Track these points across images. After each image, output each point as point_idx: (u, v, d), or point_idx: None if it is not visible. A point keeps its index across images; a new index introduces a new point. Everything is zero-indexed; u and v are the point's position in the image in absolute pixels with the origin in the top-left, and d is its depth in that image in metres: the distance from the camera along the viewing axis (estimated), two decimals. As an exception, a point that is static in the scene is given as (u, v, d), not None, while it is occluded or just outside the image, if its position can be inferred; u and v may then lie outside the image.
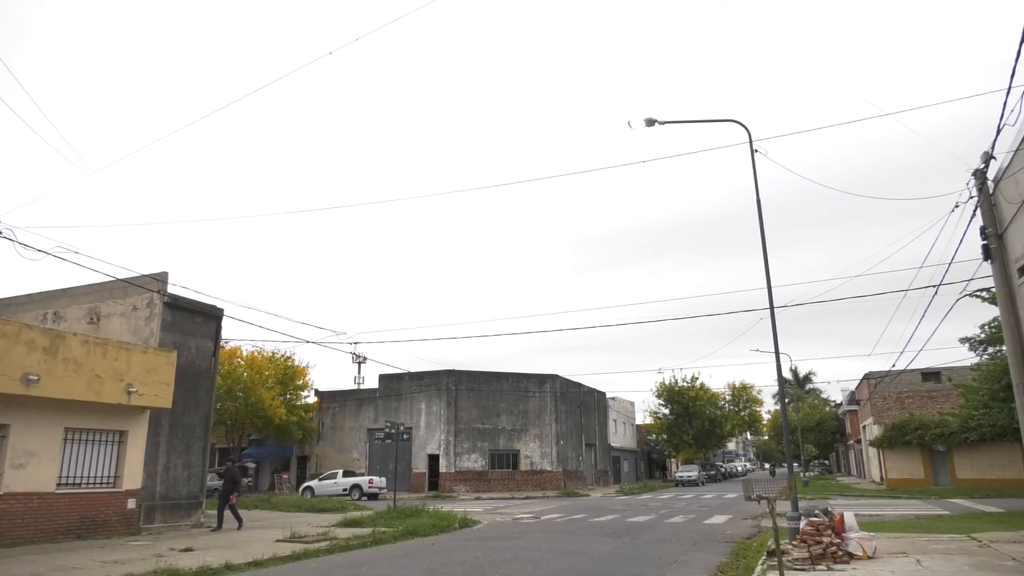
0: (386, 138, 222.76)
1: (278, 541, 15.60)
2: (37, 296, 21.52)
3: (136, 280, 19.34)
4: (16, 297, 22.08)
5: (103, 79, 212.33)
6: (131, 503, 17.50)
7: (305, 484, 40.02)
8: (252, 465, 22.67)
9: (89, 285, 20.49)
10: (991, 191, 14.04)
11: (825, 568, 10.64)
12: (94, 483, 16.80)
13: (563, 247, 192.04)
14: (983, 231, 14.18)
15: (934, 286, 16.82)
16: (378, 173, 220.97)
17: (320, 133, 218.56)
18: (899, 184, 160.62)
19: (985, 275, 15.65)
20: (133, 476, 17.65)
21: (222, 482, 19.44)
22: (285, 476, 45.50)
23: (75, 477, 16.40)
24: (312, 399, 47.35)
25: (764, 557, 11.88)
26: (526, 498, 37.28)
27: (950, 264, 15.64)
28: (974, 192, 14.25)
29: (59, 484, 15.93)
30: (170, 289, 19.97)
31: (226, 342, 33.88)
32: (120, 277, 19.03)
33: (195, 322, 20.87)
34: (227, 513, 19.33)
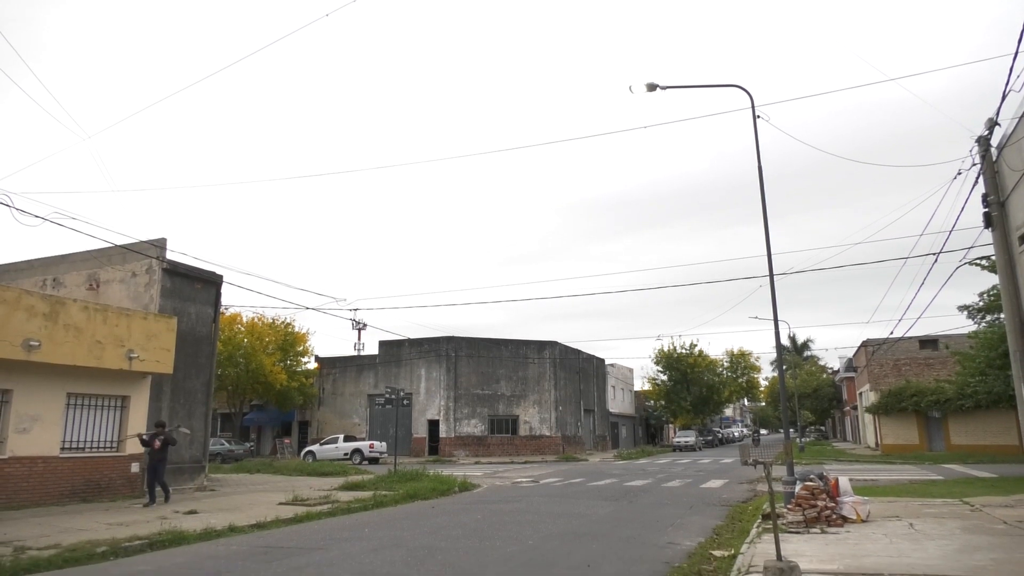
0: (386, 103, 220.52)
1: (281, 504, 15.82)
2: (36, 262, 21.50)
3: (135, 246, 19.31)
4: (15, 263, 22.05)
5: (98, 43, 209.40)
6: (134, 467, 17.71)
7: (307, 449, 40.49)
8: (187, 431, 19.45)
9: (88, 251, 20.47)
10: (994, 158, 13.95)
11: (819, 531, 10.81)
12: (98, 447, 16.98)
13: (564, 214, 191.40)
14: (985, 199, 14.12)
15: (934, 254, 16.81)
16: (378, 138, 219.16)
17: (317, 98, 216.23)
18: (907, 152, 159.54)
19: (985, 243, 15.62)
20: (136, 440, 17.82)
21: (147, 450, 16.35)
22: (287, 441, 46.00)
23: (79, 441, 16.57)
24: (312, 365, 47.66)
25: (759, 520, 12.07)
26: (525, 463, 37.73)
27: (951, 232, 15.62)
28: (977, 159, 14.15)
29: (63, 448, 16.10)
30: (169, 255, 19.96)
31: (226, 308, 33.98)
32: (119, 243, 19.00)
33: (195, 288, 20.88)
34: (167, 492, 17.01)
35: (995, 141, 13.87)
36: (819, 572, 7.72)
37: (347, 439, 40.10)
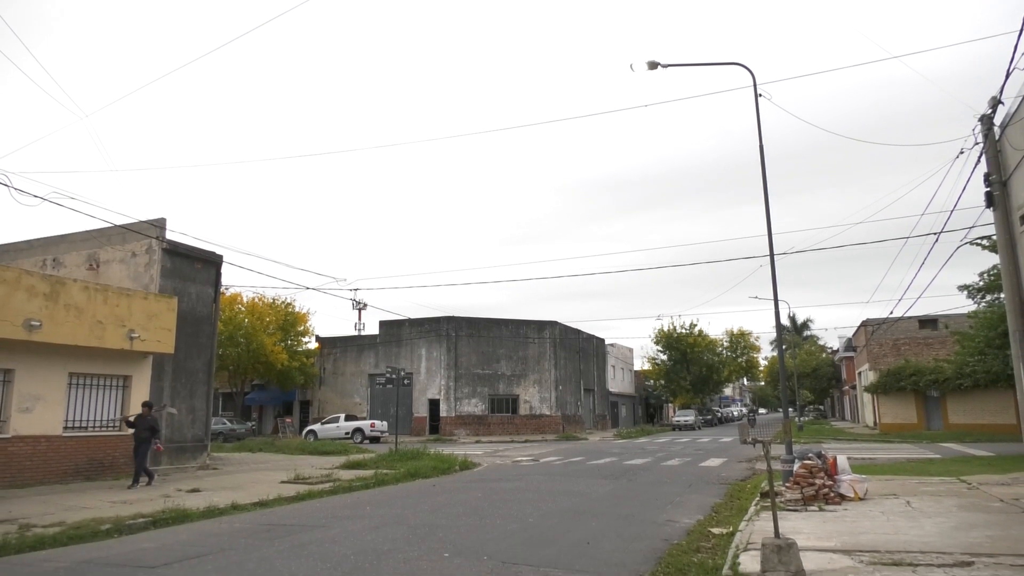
0: (386, 82, 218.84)
1: (283, 482, 15.95)
2: (36, 242, 21.48)
3: (134, 226, 19.28)
4: (14, 243, 22.03)
5: (95, 21, 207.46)
6: (137, 446, 17.80)
7: (308, 428, 40.73)
8: (174, 411, 19.11)
9: (87, 231, 20.44)
10: (997, 137, 13.88)
11: (817, 509, 10.90)
12: (100, 427, 17.08)
13: (564, 194, 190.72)
14: (987, 178, 14.07)
15: (935, 233, 16.78)
16: (378, 118, 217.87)
17: (317, 77, 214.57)
18: (909, 131, 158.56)
19: (987, 223, 15.59)
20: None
21: (134, 431, 15.58)
22: (288, 420, 46.25)
23: (82, 421, 16.67)
24: (313, 345, 47.79)
25: (758, 498, 12.17)
26: (525, 441, 37.96)
27: (952, 211, 15.58)
28: (980, 138, 14.08)
29: (66, 427, 16.19)
30: (169, 235, 19.92)
31: (226, 288, 33.99)
32: (118, 223, 18.98)
33: (195, 268, 20.88)
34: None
35: (998, 120, 13.79)
36: (817, 549, 7.79)
37: (348, 418, 40.33)
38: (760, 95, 15.08)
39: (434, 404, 44.79)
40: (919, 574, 6.59)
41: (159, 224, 19.73)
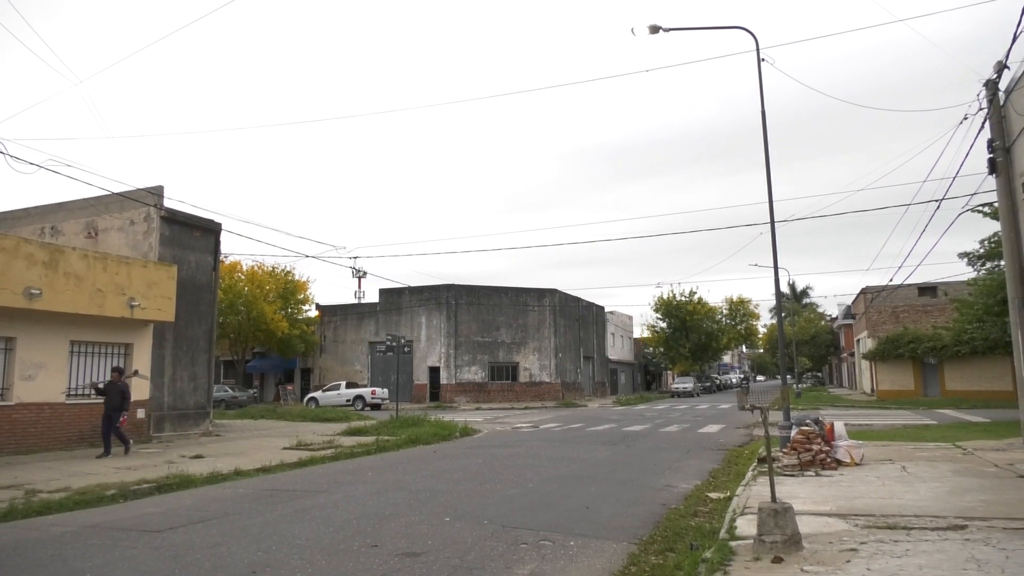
0: (386, 47, 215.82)
1: (285, 449, 16.10)
2: (33, 210, 21.37)
3: (131, 194, 19.17)
4: (12, 211, 21.91)
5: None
6: (140, 413, 17.95)
7: (309, 395, 41.03)
8: (145, 376, 17.80)
9: (85, 199, 20.33)
10: (1002, 103, 13.74)
11: (813, 474, 11.03)
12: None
13: (565, 160, 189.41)
14: (990, 144, 13.96)
15: (936, 200, 16.71)
16: (378, 83, 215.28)
17: (316, 42, 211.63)
18: (914, 97, 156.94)
19: (988, 190, 15.50)
20: (141, 387, 18.04)
21: (105, 399, 14.93)
22: (290, 387, 46.59)
23: (84, 389, 16.76)
24: (313, 313, 47.90)
25: (755, 463, 12.30)
26: (525, 408, 38.26)
27: (954, 178, 15.49)
28: (984, 104, 13.94)
29: (68, 395, 16.30)
30: (167, 203, 19.82)
31: (225, 257, 33.96)
32: (115, 191, 18.87)
33: (194, 236, 20.81)
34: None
35: (1003, 85, 13.64)
36: (813, 513, 7.90)
37: (349, 386, 40.60)
38: (763, 59, 14.88)
39: (434, 371, 45.05)
40: (913, 537, 6.68)
41: (157, 192, 19.61)
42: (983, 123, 14.13)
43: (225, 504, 9.44)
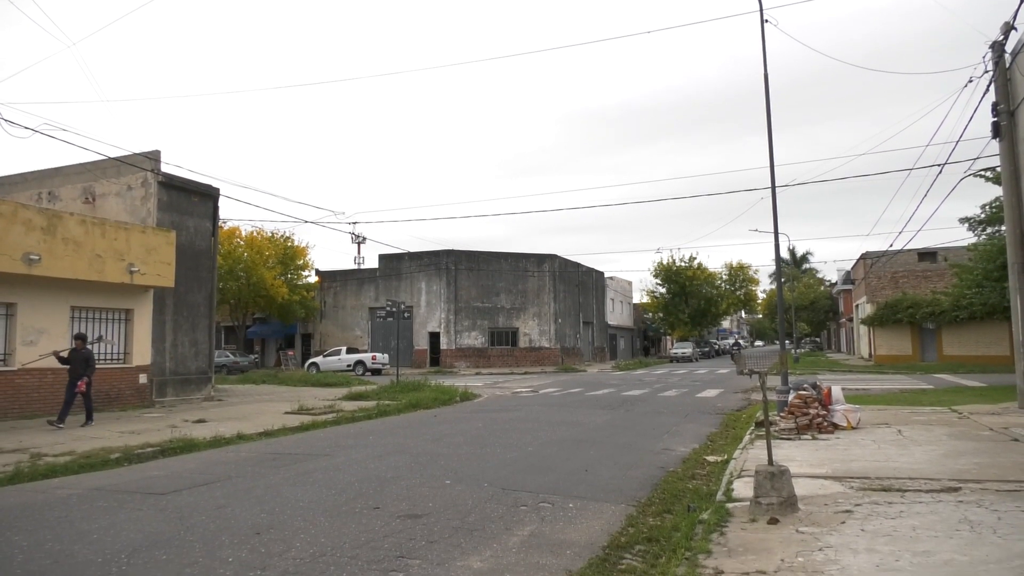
0: (384, 8, 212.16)
1: (287, 413, 16.24)
2: (29, 175, 21.22)
3: (128, 159, 19.02)
4: (8, 176, 21.77)
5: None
6: (142, 378, 18.08)
7: (310, 360, 41.24)
8: (110, 342, 17.05)
9: (82, 164, 20.17)
10: (1007, 65, 13.55)
11: (810, 437, 11.14)
12: (105, 359, 17.26)
13: (566, 124, 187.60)
14: (995, 107, 13.81)
15: (939, 165, 16.60)
16: (377, 46, 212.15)
17: (314, 4, 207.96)
18: (921, 59, 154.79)
19: (991, 154, 15.39)
20: (142, 352, 18.14)
21: (69, 367, 14.10)
22: (291, 353, 46.81)
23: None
24: (313, 279, 47.91)
25: (752, 428, 12.42)
26: (525, 373, 38.51)
27: (957, 142, 15.36)
28: (990, 66, 13.76)
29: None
30: (164, 168, 19.67)
31: (224, 222, 33.86)
32: (112, 156, 18.73)
33: (192, 202, 20.72)
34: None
35: (1009, 47, 13.45)
36: (809, 476, 8.00)
37: (350, 351, 40.80)
38: (766, 21, 14.65)
39: (434, 337, 45.22)
40: (907, 499, 6.78)
41: (153, 156, 19.46)
42: (988, 86, 13.97)
43: (228, 467, 9.55)
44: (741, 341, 60.06)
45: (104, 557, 5.48)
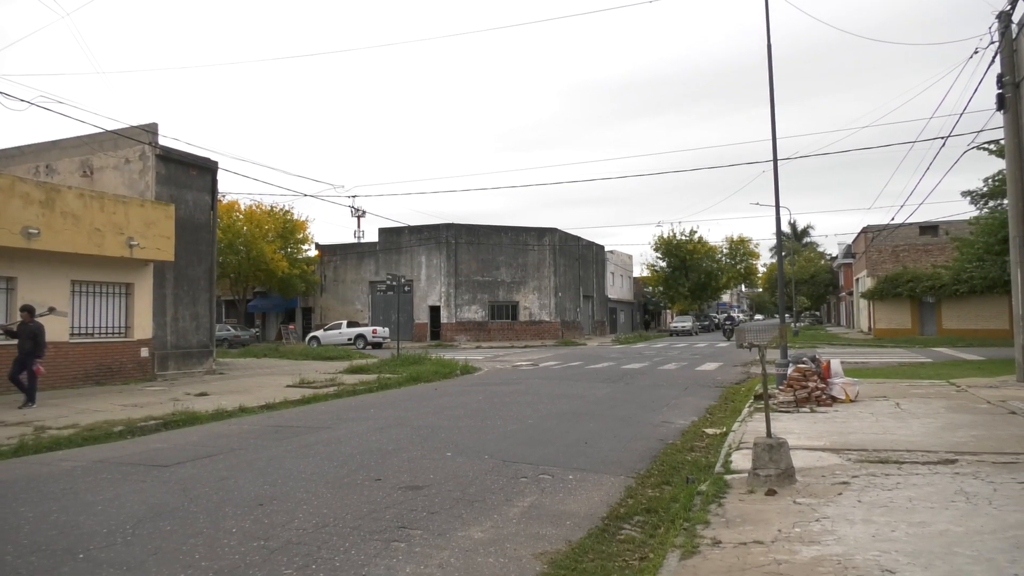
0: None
1: (288, 386, 16.32)
2: (27, 148, 21.09)
3: (126, 131, 18.89)
4: (5, 150, 21.63)
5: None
6: (144, 352, 18.14)
7: (311, 334, 41.38)
8: (63, 313, 14.70)
9: (79, 137, 20.04)
10: (1014, 35, 13.39)
11: (809, 410, 11.21)
12: (107, 333, 17.33)
13: (568, 97, 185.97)
14: (1000, 79, 13.68)
15: (942, 137, 16.49)
16: (374, 17, 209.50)
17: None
18: (930, 33, 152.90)
19: (995, 127, 15.27)
20: (143, 326, 18.18)
21: (17, 341, 12.99)
22: (291, 327, 46.94)
23: (88, 328, 16.89)
24: (313, 253, 47.88)
25: (751, 400, 12.49)
26: (525, 347, 38.64)
27: (961, 114, 15.24)
28: (996, 37, 13.59)
29: (72, 334, 16.43)
30: (162, 141, 19.55)
31: (223, 196, 33.73)
32: (108, 128, 18.59)
33: (190, 175, 20.62)
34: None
35: (1016, 17, 13.27)
36: (807, 448, 8.06)
37: (350, 325, 40.91)
38: (770, -9, 14.43)
39: (435, 311, 45.30)
40: (904, 471, 6.83)
41: (151, 129, 19.32)
42: (993, 57, 13.81)
43: (231, 440, 9.62)
44: (734, 315, 59.54)
45: (109, 528, 5.54)
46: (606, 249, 60.45)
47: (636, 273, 71.00)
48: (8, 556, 4.93)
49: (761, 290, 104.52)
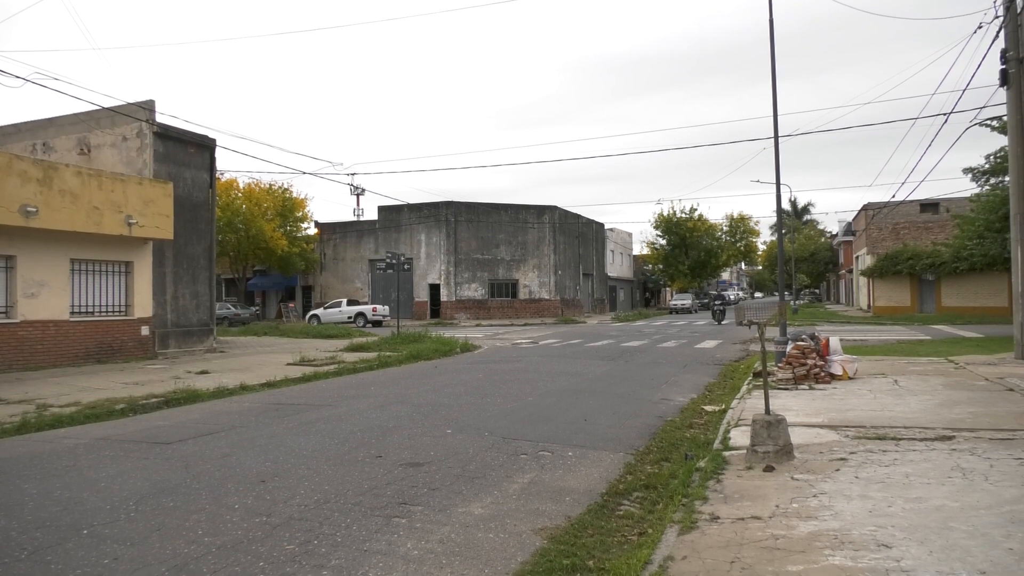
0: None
1: (289, 364, 16.38)
2: (23, 126, 20.96)
3: (122, 109, 18.75)
4: (2, 127, 21.50)
5: None
6: (144, 330, 18.17)
7: (311, 312, 41.43)
8: None
9: (76, 114, 19.89)
10: (1019, 9, 13.24)
11: (807, 388, 11.26)
12: (107, 311, 17.35)
13: (570, 72, 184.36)
14: (1004, 55, 13.55)
15: (945, 114, 16.37)
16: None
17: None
18: (935, 7, 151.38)
19: (998, 103, 15.16)
20: (143, 304, 18.19)
21: None
22: (291, 305, 46.99)
23: (88, 306, 16.90)
24: (312, 231, 47.79)
25: (750, 378, 12.54)
26: (525, 325, 38.71)
27: (964, 90, 15.13)
28: (1001, 11, 13.45)
29: (72, 312, 16.44)
30: (159, 119, 19.41)
31: (221, 174, 33.59)
32: (105, 105, 18.45)
33: (188, 153, 20.51)
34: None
35: (1022, -9, 13.11)
36: (805, 425, 8.11)
37: (350, 303, 40.95)
38: (773, -35, 14.25)
39: (435, 289, 45.33)
40: (902, 447, 6.88)
41: (148, 106, 19.18)
42: (998, 32, 13.68)
43: (232, 417, 9.67)
44: (725, 293, 59.08)
45: (112, 504, 5.59)
46: (606, 227, 60.34)
47: (636, 251, 70.95)
48: (13, 532, 4.97)
49: (761, 268, 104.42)
